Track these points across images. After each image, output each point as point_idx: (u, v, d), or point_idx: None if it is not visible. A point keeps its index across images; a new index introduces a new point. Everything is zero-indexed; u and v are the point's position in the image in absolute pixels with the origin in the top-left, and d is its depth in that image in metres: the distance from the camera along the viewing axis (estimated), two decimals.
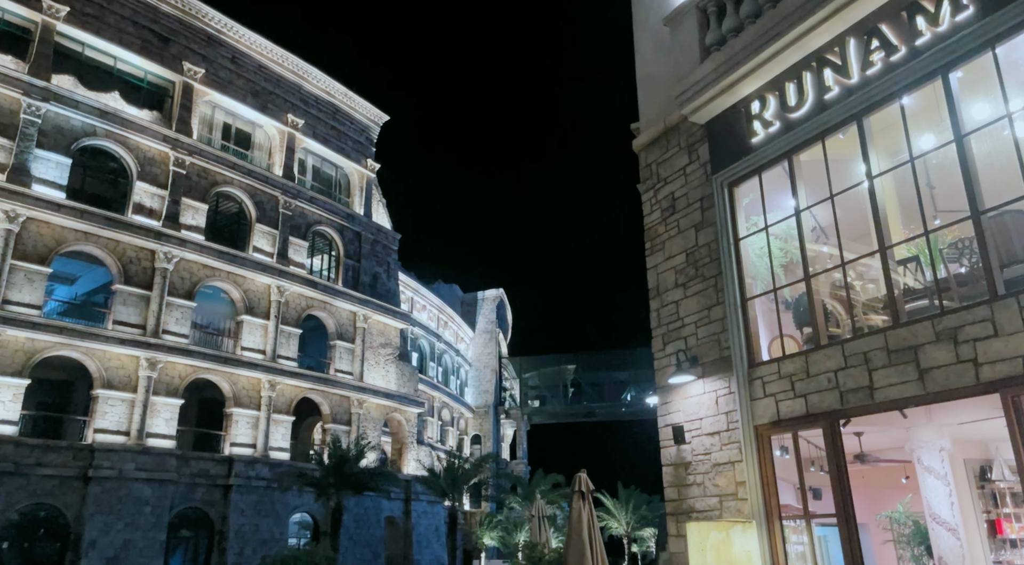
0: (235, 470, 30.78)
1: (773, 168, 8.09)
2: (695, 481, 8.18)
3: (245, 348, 33.55)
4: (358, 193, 43.75)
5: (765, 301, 8.19)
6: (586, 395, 69.68)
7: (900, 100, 6.77)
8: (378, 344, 41.57)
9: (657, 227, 9.50)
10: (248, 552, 30.20)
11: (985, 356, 5.60)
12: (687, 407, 8.49)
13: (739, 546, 6.50)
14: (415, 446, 42.95)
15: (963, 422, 7.95)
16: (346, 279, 40.51)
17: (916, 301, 6.85)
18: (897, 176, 7.09)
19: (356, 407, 38.38)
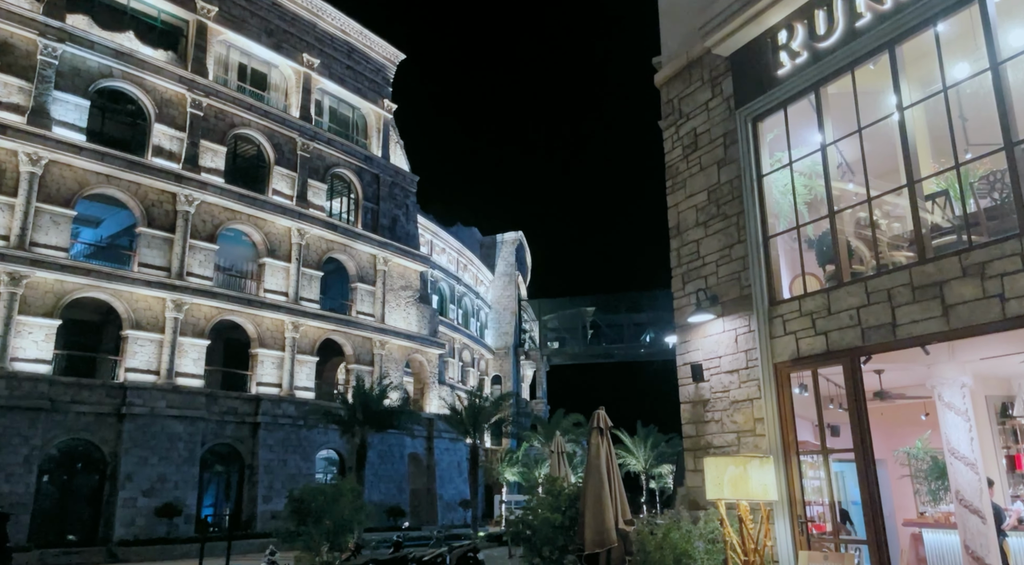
0: (262, 408, 31.65)
1: (799, 101, 7.84)
2: (713, 418, 8.25)
3: (268, 290, 34.02)
4: (375, 134, 43.38)
5: (787, 239, 8.07)
6: (604, 336, 70.20)
7: (935, 27, 6.47)
8: (398, 286, 41.92)
9: (678, 164, 9.32)
10: (278, 486, 31.31)
11: (1012, 291, 5.50)
12: (706, 346, 8.50)
13: (756, 480, 6.59)
14: (436, 386, 43.74)
15: (985, 357, 7.89)
16: (365, 222, 40.59)
17: (943, 237, 6.71)
18: (928, 108, 6.84)
19: (378, 348, 39.01)
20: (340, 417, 21.68)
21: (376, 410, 21.40)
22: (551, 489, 8.67)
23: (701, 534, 7.16)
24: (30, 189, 26.19)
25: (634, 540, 7.49)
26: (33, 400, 24.56)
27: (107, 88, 29.92)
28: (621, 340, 69.78)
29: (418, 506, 40.25)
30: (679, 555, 6.93)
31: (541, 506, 8.38)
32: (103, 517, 25.84)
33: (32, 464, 23.98)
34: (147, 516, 26.33)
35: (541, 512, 8.27)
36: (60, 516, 25.33)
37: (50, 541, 23.93)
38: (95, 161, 27.97)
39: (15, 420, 24.04)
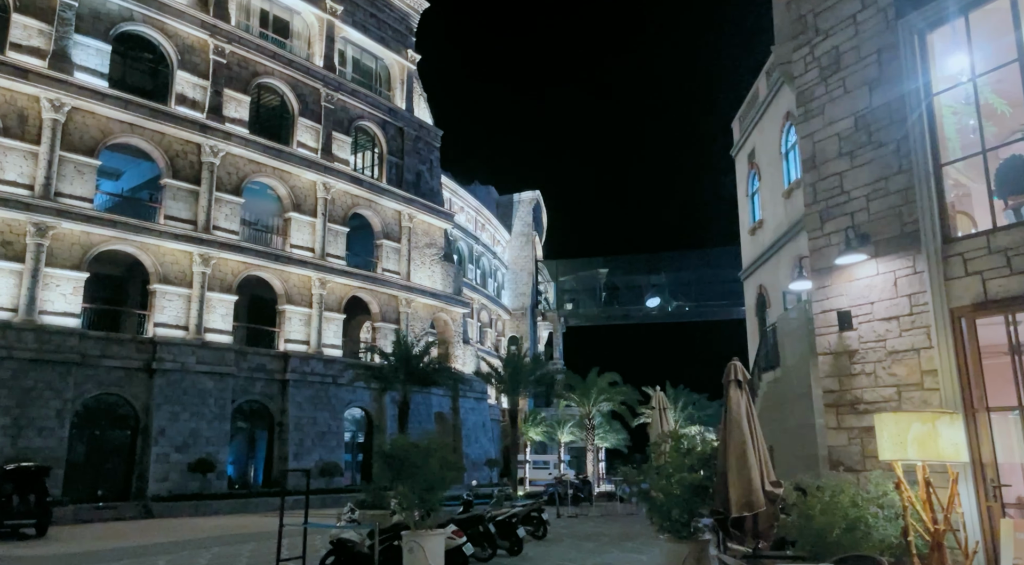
0: (291, 365, 31.09)
1: (985, 5, 6.77)
2: (864, 370, 7.39)
3: (294, 246, 33.17)
4: (399, 86, 41.99)
5: (950, 170, 7.09)
6: (622, 298, 69.36)
7: None
8: (423, 244, 41.02)
9: (813, 89, 8.29)
10: (308, 443, 30.92)
11: None
12: (853, 291, 7.59)
13: (946, 439, 5.75)
14: (461, 345, 43.14)
15: None
16: (390, 177, 39.50)
17: None
18: None
19: (404, 306, 38.30)
20: (382, 374, 20.97)
21: (418, 367, 20.66)
22: (676, 447, 7.88)
23: (871, 498, 6.34)
24: (53, 137, 25.18)
25: (790, 502, 6.70)
26: (64, 354, 23.94)
27: (128, 32, 28.67)
28: (639, 301, 68.94)
29: None
30: (852, 521, 6.13)
31: (673, 466, 7.61)
32: (136, 472, 25.46)
33: (64, 418, 23.48)
34: (180, 471, 25.95)
35: (674, 473, 7.49)
36: (93, 471, 24.94)
37: (83, 496, 23.56)
38: (119, 109, 26.89)
39: (46, 374, 23.46)
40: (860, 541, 6.15)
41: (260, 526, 19.60)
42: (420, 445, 9.01)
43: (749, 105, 21.98)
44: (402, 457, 8.80)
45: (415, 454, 8.81)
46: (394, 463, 8.85)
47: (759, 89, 20.93)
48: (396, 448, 8.99)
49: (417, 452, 8.81)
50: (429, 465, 8.75)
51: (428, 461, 8.79)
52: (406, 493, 8.84)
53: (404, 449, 8.90)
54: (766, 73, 20.34)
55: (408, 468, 8.63)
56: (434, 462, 8.81)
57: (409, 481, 8.69)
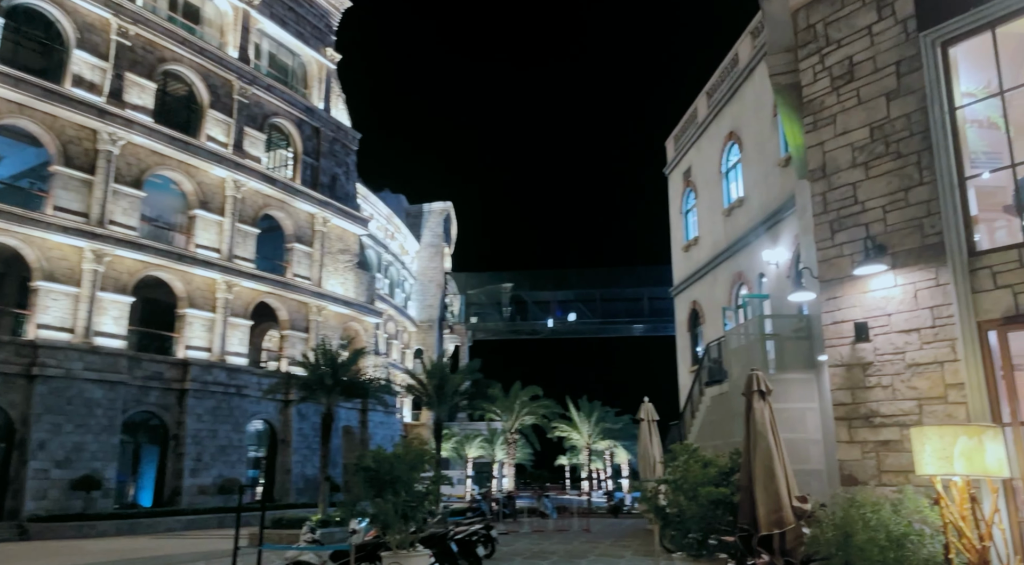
0: (191, 374, 28.78)
1: (1014, 21, 6.86)
2: (880, 383, 7.26)
3: (199, 246, 30.88)
4: (317, 85, 40.31)
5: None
6: (531, 312, 69.60)
7: None
8: (337, 250, 39.36)
9: (824, 98, 8.21)
10: (206, 458, 28.66)
11: None
12: (867, 302, 7.48)
13: (992, 453, 5.64)
14: (373, 356, 41.60)
15: None
16: (304, 178, 37.71)
17: None
18: None
19: (315, 314, 36.51)
20: (307, 384, 19.62)
21: (348, 378, 19.48)
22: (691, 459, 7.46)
23: (910, 513, 6.14)
24: None
25: (823, 519, 6.40)
26: None
27: (23, 7, 25.89)
28: (548, 316, 69.36)
29: (351, 480, 38.30)
30: (896, 538, 5.89)
31: (693, 480, 7.17)
32: (10, 490, 22.58)
33: None
34: (62, 489, 23.28)
35: (693, 488, 7.05)
36: None
37: None
38: (8, 86, 24.13)
39: None
40: (905, 559, 5.92)
41: (158, 549, 17.70)
42: (404, 457, 8.16)
43: (686, 124, 22.39)
44: (387, 470, 7.92)
45: (400, 467, 7.96)
46: (378, 477, 7.95)
47: (698, 109, 21.35)
48: (380, 460, 8.10)
49: (403, 465, 7.96)
50: (414, 479, 7.93)
51: (413, 474, 7.96)
52: (389, 510, 7.95)
53: (389, 461, 8.03)
54: (706, 94, 20.77)
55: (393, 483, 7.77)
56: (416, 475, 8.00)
57: (392, 496, 7.82)
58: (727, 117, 18.86)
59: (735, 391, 14.87)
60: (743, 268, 17.58)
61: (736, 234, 17.83)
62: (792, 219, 14.37)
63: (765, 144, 16.45)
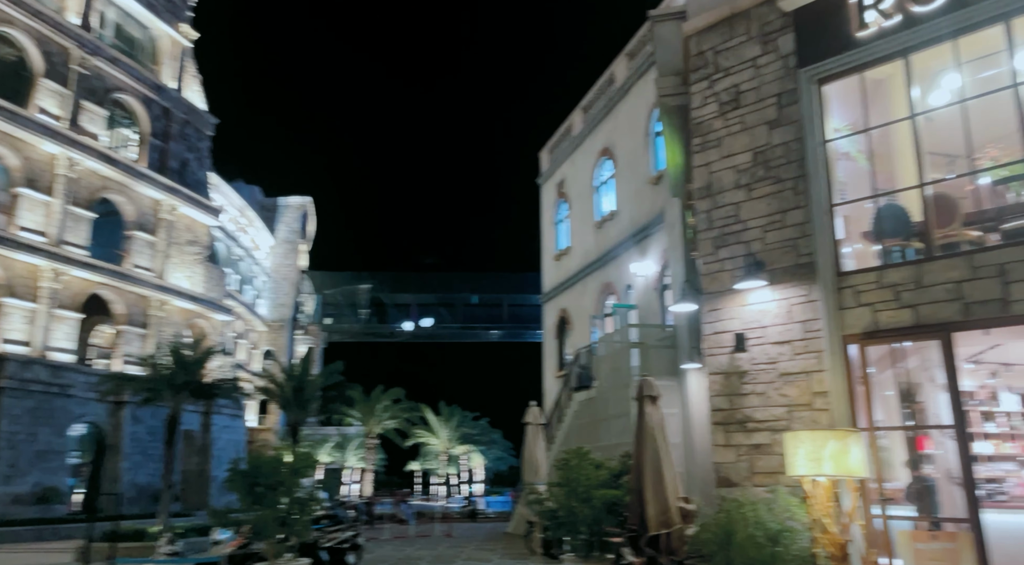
0: (7, 370, 25.56)
1: (879, 67, 7.64)
2: (754, 391, 7.79)
3: (24, 228, 27.54)
4: (170, 63, 37.33)
5: None
6: (389, 315, 68.50)
7: None
8: (184, 241, 36.59)
9: (712, 122, 8.72)
10: (23, 463, 25.59)
11: None
12: (746, 315, 8.01)
13: (855, 456, 6.20)
14: (221, 356, 39.00)
15: None
16: (151, 161, 34.74)
17: (1016, 221, 6.89)
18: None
19: (156, 309, 33.69)
20: (151, 384, 18.00)
21: (198, 379, 18.10)
22: (577, 465, 7.57)
23: (783, 512, 6.62)
24: None
25: (709, 518, 6.73)
26: None
27: None
28: (406, 319, 68.51)
29: (188, 489, 35.62)
30: (772, 535, 6.31)
31: (588, 483, 7.27)
32: None
33: None
34: None
35: (587, 490, 7.15)
36: None
37: None
38: None
39: None
40: (779, 555, 6.36)
41: None
42: (286, 462, 7.63)
43: (561, 138, 23.02)
44: (268, 475, 7.36)
45: (283, 473, 7.43)
46: (258, 484, 7.36)
47: (573, 124, 22.02)
48: (260, 466, 7.51)
49: (285, 470, 7.43)
50: (295, 485, 7.44)
51: (295, 480, 7.47)
52: (268, 518, 7.39)
53: (270, 467, 7.46)
54: (582, 109, 21.48)
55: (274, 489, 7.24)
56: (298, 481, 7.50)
57: (272, 505, 7.28)
58: (602, 133, 19.61)
59: (603, 396, 15.43)
60: (612, 279, 18.32)
61: (607, 246, 18.55)
62: (661, 234, 15.16)
63: (637, 161, 17.26)
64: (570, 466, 7.98)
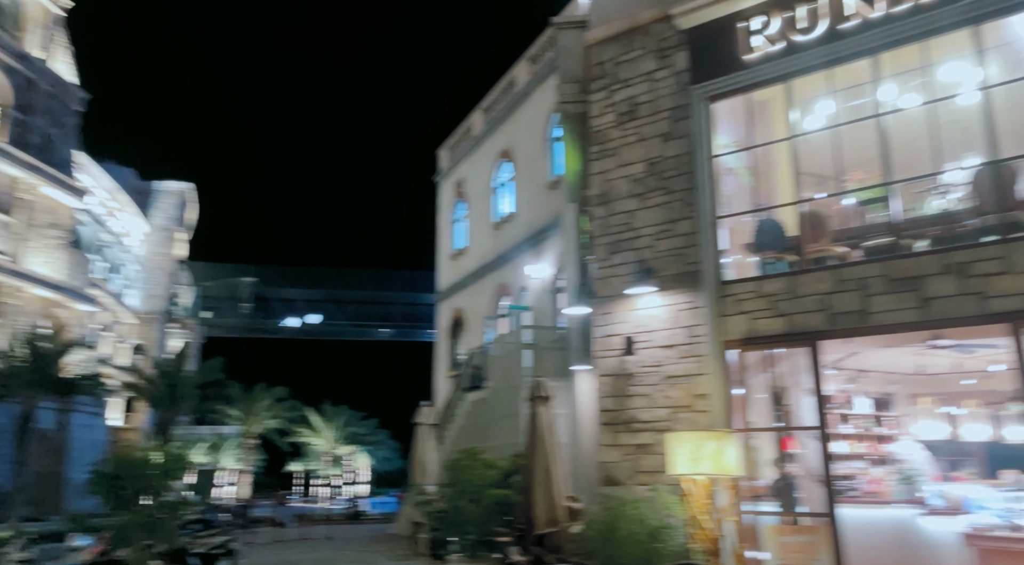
0: None
1: (763, 89, 8.13)
2: (640, 392, 8.08)
3: None
4: (37, 31, 34.23)
5: None
6: (275, 310, 65.90)
7: (922, 42, 7.18)
8: (45, 223, 33.62)
9: (609, 131, 8.98)
10: None
11: (993, 290, 6.36)
12: (635, 319, 8.29)
13: (730, 455, 6.56)
14: (81, 350, 36.07)
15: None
16: (13, 136, 31.70)
17: (879, 239, 7.53)
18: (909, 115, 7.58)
19: (10, 296, 30.75)
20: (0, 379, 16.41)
21: (55, 373, 16.70)
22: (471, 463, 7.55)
23: (663, 509, 6.90)
24: None
25: (594, 516, 6.90)
26: None
27: None
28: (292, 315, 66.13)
29: (41, 492, 32.74)
30: (652, 532, 6.56)
31: (477, 482, 7.25)
32: None
33: None
34: None
35: (478, 490, 7.14)
36: None
37: None
38: None
39: None
40: (657, 550, 6.63)
41: None
42: (155, 463, 7.12)
43: (461, 137, 22.97)
44: (134, 478, 6.83)
45: (151, 475, 6.92)
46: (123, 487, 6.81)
47: (474, 124, 22.04)
48: (127, 468, 6.96)
49: (154, 472, 6.93)
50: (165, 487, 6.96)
51: (165, 482, 6.98)
52: (132, 523, 6.85)
53: (137, 468, 6.93)
54: (483, 110, 21.54)
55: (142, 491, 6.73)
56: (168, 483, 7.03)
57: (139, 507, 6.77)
58: (502, 135, 19.74)
59: (495, 397, 15.52)
60: (508, 280, 18.47)
61: (503, 247, 18.69)
62: (557, 238, 15.43)
63: (536, 165, 17.50)
64: (461, 466, 7.99)
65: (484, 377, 16.36)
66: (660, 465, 7.51)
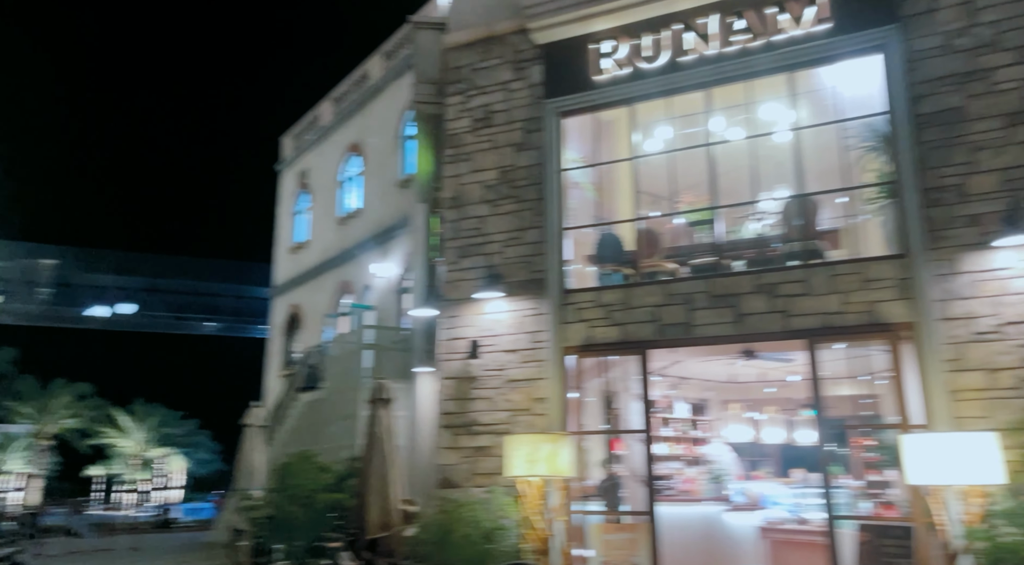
0: None
1: (610, 110, 8.59)
2: (482, 395, 8.19)
3: None
4: None
5: None
6: (83, 298, 59.47)
7: (747, 82, 7.93)
8: None
9: (465, 136, 9.05)
10: None
11: (795, 309, 7.15)
12: (481, 323, 8.41)
13: (564, 458, 6.84)
14: None
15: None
16: None
17: (704, 258, 8.23)
18: (734, 148, 8.30)
19: None
20: None
21: None
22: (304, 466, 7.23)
23: (497, 510, 7.04)
24: None
25: (429, 519, 6.90)
26: None
27: None
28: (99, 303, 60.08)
29: None
30: (487, 533, 6.67)
31: (310, 486, 6.92)
32: None
33: None
34: None
35: (310, 495, 6.84)
36: None
37: None
38: None
39: None
40: (489, 552, 6.77)
41: None
42: None
43: (308, 126, 22.13)
44: None
45: None
46: None
47: (323, 114, 21.33)
48: None
49: None
50: None
51: None
52: None
53: None
54: (333, 100, 20.91)
55: None
56: None
57: None
58: (352, 128, 19.24)
59: (332, 397, 15.06)
60: (351, 278, 18.00)
61: (348, 244, 18.21)
62: (405, 237, 15.27)
63: (387, 162, 17.24)
64: (292, 470, 7.67)
65: (320, 377, 15.84)
66: (498, 467, 7.67)
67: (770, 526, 9.38)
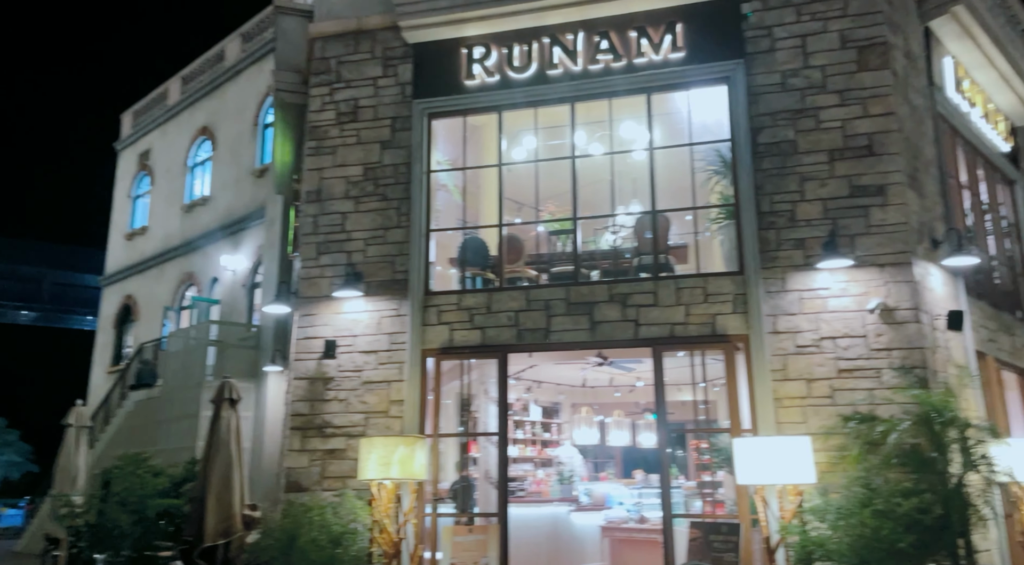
0: None
1: (479, 115, 8.65)
2: (337, 397, 7.94)
3: None
4: None
5: None
6: None
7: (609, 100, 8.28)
8: None
9: (329, 129, 8.73)
10: None
11: (644, 318, 7.54)
12: (339, 323, 8.16)
13: (419, 460, 6.78)
14: None
15: None
16: None
17: (563, 266, 8.51)
18: (594, 162, 8.59)
19: None
20: None
21: None
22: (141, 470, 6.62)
23: (347, 514, 6.86)
24: None
25: (274, 524, 6.59)
26: None
27: None
28: None
29: None
30: (335, 538, 6.47)
31: (141, 492, 6.32)
32: None
33: None
34: None
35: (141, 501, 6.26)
36: None
37: None
38: None
39: None
40: (338, 556, 6.59)
41: None
42: None
43: (152, 103, 20.52)
44: None
45: None
46: None
47: (169, 92, 19.87)
48: None
49: None
50: None
51: None
52: None
53: None
54: (182, 79, 19.54)
55: None
56: None
57: None
58: (203, 110, 18.05)
59: (169, 396, 14.03)
60: (196, 269, 16.88)
61: (194, 233, 17.06)
62: (258, 229, 14.57)
63: (241, 150, 16.34)
64: (120, 473, 7.03)
65: (156, 374, 14.73)
66: (350, 470, 7.50)
67: (610, 525, 9.86)
